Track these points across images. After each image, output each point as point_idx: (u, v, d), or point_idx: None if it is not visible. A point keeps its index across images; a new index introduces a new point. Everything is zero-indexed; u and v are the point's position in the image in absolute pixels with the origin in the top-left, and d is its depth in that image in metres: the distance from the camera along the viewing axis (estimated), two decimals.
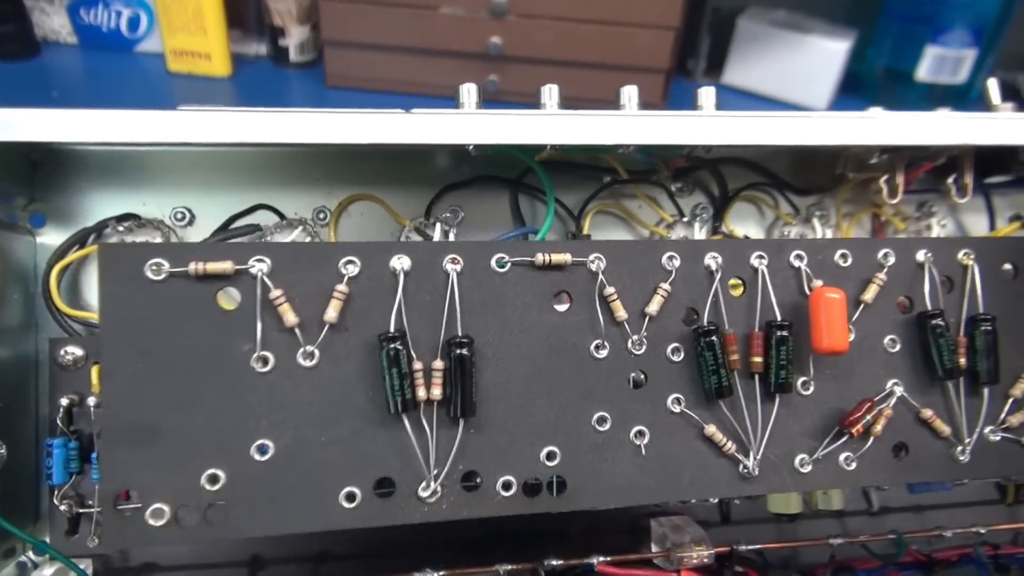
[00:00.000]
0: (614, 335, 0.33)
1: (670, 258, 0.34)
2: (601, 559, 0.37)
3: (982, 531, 0.42)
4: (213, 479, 0.30)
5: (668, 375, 0.33)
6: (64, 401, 0.36)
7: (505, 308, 0.32)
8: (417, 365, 0.31)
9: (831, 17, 1.03)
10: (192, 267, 0.30)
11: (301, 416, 0.30)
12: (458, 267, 0.32)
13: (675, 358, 0.33)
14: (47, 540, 0.36)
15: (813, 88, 1.01)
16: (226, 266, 0.30)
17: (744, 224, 0.44)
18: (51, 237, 0.39)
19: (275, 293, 0.30)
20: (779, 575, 0.41)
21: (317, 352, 0.31)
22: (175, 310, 0.30)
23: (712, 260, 0.34)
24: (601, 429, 0.33)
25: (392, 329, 0.31)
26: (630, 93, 0.39)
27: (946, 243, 0.37)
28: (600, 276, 0.33)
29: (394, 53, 0.94)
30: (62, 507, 0.35)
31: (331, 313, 0.30)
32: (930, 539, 0.42)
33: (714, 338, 0.33)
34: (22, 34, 0.96)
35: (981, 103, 0.42)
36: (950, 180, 0.42)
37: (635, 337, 0.33)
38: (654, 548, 0.39)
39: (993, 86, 0.43)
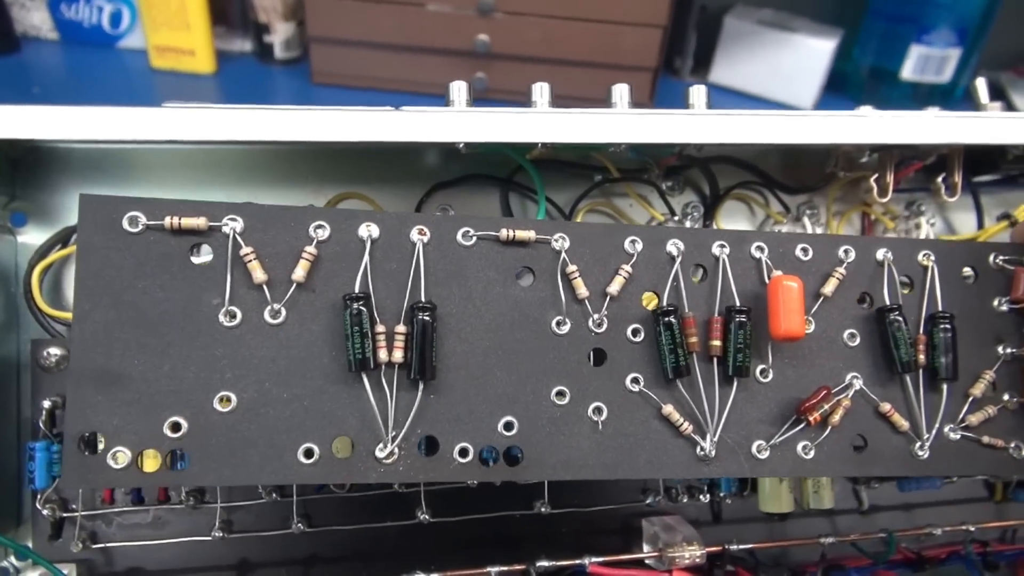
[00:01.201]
0: (575, 312, 0.33)
1: (632, 242, 0.34)
2: (593, 560, 0.37)
3: (971, 529, 0.42)
4: (175, 427, 0.30)
5: (628, 354, 0.34)
6: (47, 403, 0.35)
7: (469, 280, 0.33)
8: (380, 328, 0.31)
9: (817, 16, 1.04)
10: (167, 221, 0.30)
11: (265, 371, 0.31)
12: (425, 238, 0.32)
13: (635, 339, 0.34)
14: (29, 545, 0.36)
15: (799, 86, 1.01)
16: (200, 222, 0.30)
17: (735, 222, 0.44)
18: (32, 236, 0.38)
19: (245, 250, 0.31)
20: (771, 574, 0.41)
21: (283, 311, 0.31)
22: (149, 262, 0.30)
23: (673, 246, 0.34)
24: (560, 403, 0.33)
25: (357, 290, 0.31)
26: (621, 91, 0.38)
27: (906, 243, 0.37)
28: (563, 255, 0.33)
29: (381, 50, 0.93)
30: (45, 511, 0.35)
31: (299, 272, 0.31)
32: (920, 537, 0.42)
33: (672, 319, 0.33)
34: (1, 30, 0.94)
35: (966, 102, 0.43)
36: (939, 179, 0.42)
37: (596, 316, 0.33)
38: (646, 548, 0.39)
39: (981, 85, 0.43)
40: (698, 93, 0.39)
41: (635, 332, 0.34)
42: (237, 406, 0.30)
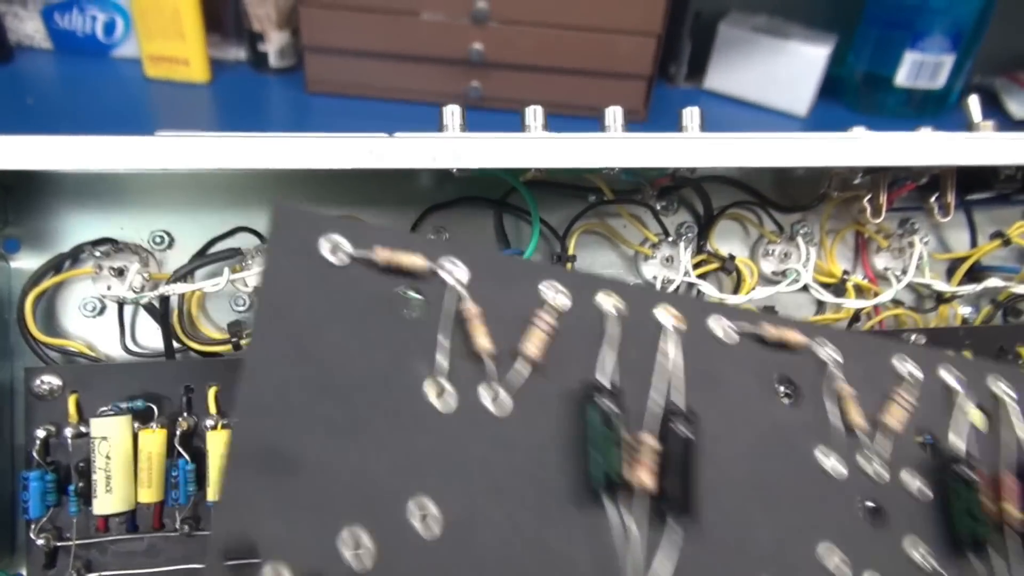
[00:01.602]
0: (843, 446, 0.27)
1: (901, 360, 0.29)
2: None
3: None
4: (355, 541, 0.22)
5: (907, 509, 0.27)
6: (41, 433, 0.35)
7: (726, 388, 0.26)
8: (630, 437, 0.25)
9: (812, 22, 1.04)
10: (379, 254, 0.24)
11: (478, 477, 0.23)
12: (681, 327, 0.26)
13: (912, 487, 0.28)
14: (23, 574, 0.36)
15: (794, 93, 1.01)
16: (419, 262, 0.24)
17: (729, 242, 0.44)
18: (26, 262, 0.38)
19: (471, 307, 0.24)
20: None
21: (508, 396, 0.25)
22: (350, 306, 0.23)
23: (948, 373, 0.29)
24: (826, 566, 0.26)
25: (602, 381, 0.25)
26: (615, 114, 0.38)
27: None
28: (833, 369, 0.27)
29: (375, 59, 0.93)
30: (39, 541, 0.35)
31: (532, 348, 0.24)
32: None
33: (969, 471, 0.27)
34: None
35: (960, 110, 0.43)
36: (932, 199, 0.42)
37: (869, 452, 0.28)
38: None
39: (974, 103, 0.43)
40: (691, 115, 0.39)
41: (913, 477, 0.28)
42: (440, 524, 0.23)
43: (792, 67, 0.99)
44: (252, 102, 0.96)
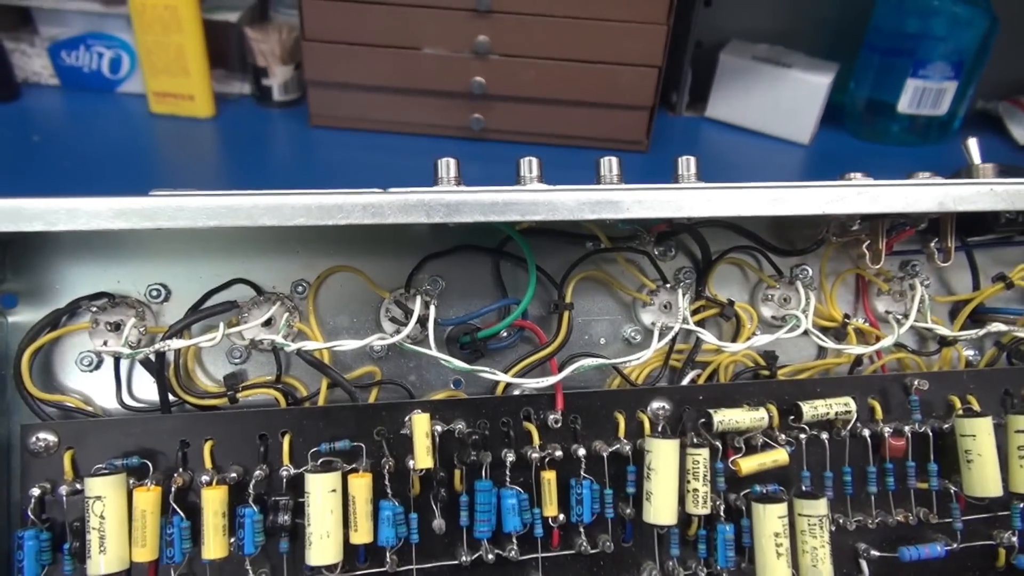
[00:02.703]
0: None
1: None
2: None
3: None
4: None
5: None
6: (36, 491, 0.35)
7: None
8: None
9: (813, 50, 1.04)
10: None
11: None
12: None
13: None
14: None
15: (796, 121, 1.01)
16: None
17: (728, 287, 0.44)
18: (23, 316, 0.38)
19: None
20: None
21: None
22: None
23: None
24: None
25: None
26: (611, 164, 0.38)
27: None
28: None
29: (377, 93, 0.93)
30: None
31: None
32: None
33: None
34: (2, 78, 0.95)
35: (962, 135, 0.42)
36: (932, 244, 0.42)
37: None
38: None
39: (973, 146, 0.43)
40: (687, 164, 0.39)
41: None
42: None
43: (794, 96, 1.00)
44: (256, 136, 0.96)
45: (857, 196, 0.36)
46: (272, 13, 1.02)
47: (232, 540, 0.36)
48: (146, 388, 0.39)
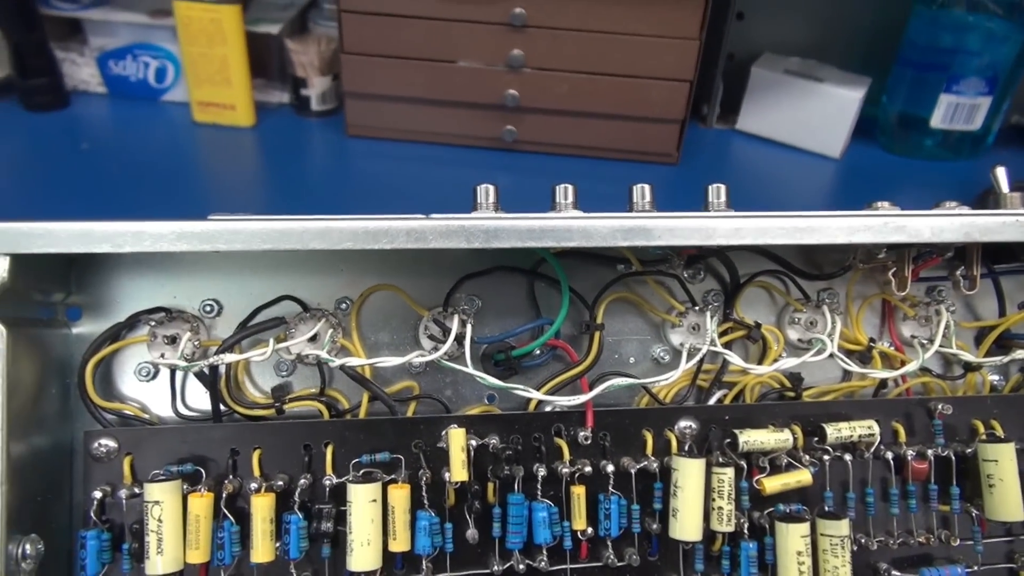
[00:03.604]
0: None
1: None
2: None
3: None
4: None
5: None
6: (97, 493, 0.37)
7: None
8: None
9: (845, 64, 1.04)
10: None
11: None
12: None
13: None
14: None
15: (827, 135, 1.01)
16: None
17: (755, 310, 0.45)
18: (86, 328, 0.41)
19: None
20: None
21: None
22: None
23: None
24: None
25: None
26: (643, 191, 0.40)
27: None
28: None
29: (413, 104, 0.95)
30: None
31: None
32: None
33: None
34: (53, 86, 0.99)
35: (997, 148, 0.42)
36: (958, 272, 0.43)
37: None
38: None
39: (1002, 175, 0.44)
40: (716, 192, 0.40)
41: None
42: None
43: (825, 110, 1.00)
44: (294, 145, 0.99)
45: (883, 226, 0.37)
46: (311, 24, 1.04)
47: (278, 545, 0.38)
48: (199, 397, 0.42)
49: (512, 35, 0.89)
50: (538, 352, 0.43)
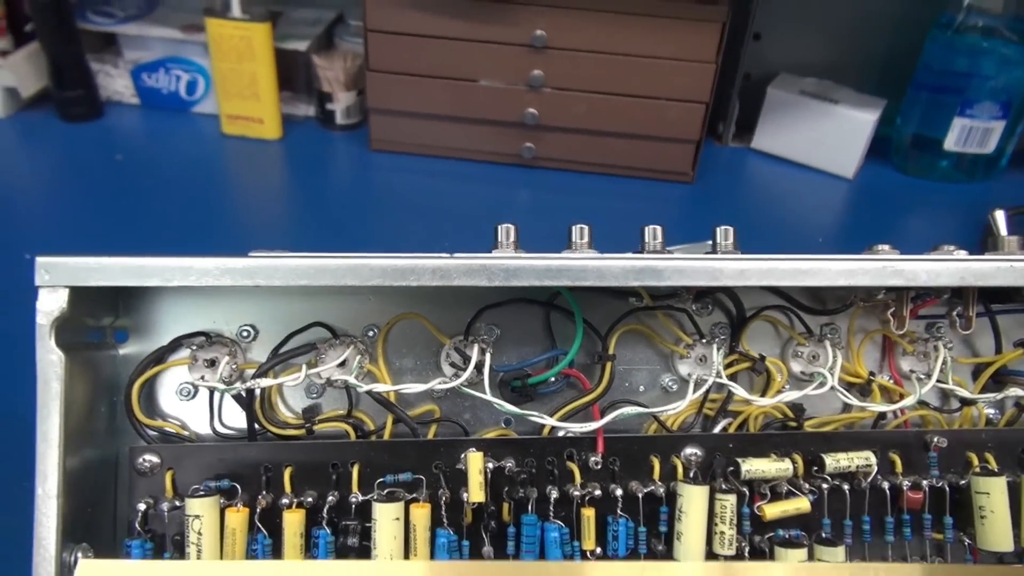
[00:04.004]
0: None
1: None
2: None
3: None
4: None
5: None
6: (141, 506, 0.40)
7: None
8: None
9: (860, 85, 1.06)
10: None
11: None
12: None
13: None
14: None
15: (841, 156, 1.03)
16: None
17: (760, 343, 0.48)
18: (132, 349, 0.44)
19: None
20: None
21: None
22: None
23: None
24: None
25: None
26: (655, 232, 0.42)
27: None
28: None
29: (435, 121, 0.98)
30: None
31: None
32: None
33: None
34: (89, 98, 1.02)
35: (1011, 171, 0.43)
36: (955, 313, 0.45)
37: None
38: None
39: (1000, 218, 0.46)
40: (724, 234, 0.42)
41: None
42: None
43: (840, 131, 1.02)
44: (319, 158, 1.02)
45: (880, 270, 0.40)
46: (337, 41, 1.07)
47: (306, 557, 0.40)
48: (234, 416, 0.44)
49: (533, 56, 0.92)
50: (553, 380, 0.45)
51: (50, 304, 0.37)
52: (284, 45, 1.00)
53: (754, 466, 0.43)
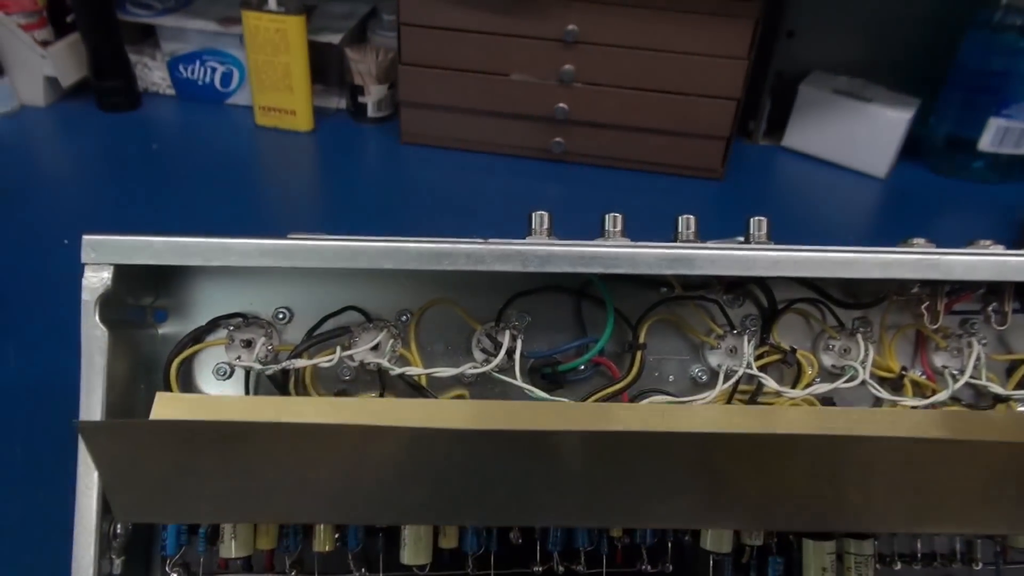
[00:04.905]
0: None
1: None
2: None
3: None
4: None
5: None
6: None
7: None
8: None
9: (894, 84, 1.05)
10: None
11: None
12: None
13: None
14: None
15: (874, 155, 1.02)
16: None
17: (791, 335, 0.47)
18: (171, 328, 0.45)
19: None
20: None
21: None
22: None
23: None
24: None
25: None
26: (688, 222, 0.42)
27: None
28: None
29: (466, 114, 0.99)
30: (173, 575, 0.41)
31: None
32: None
33: None
34: (126, 88, 1.04)
35: None
36: (990, 308, 0.44)
37: None
38: None
39: None
40: (758, 224, 0.42)
41: None
42: None
43: (873, 130, 1.01)
44: (350, 150, 1.03)
45: (916, 263, 0.39)
46: (370, 34, 1.08)
47: (338, 536, 0.41)
48: (269, 394, 0.45)
49: (564, 51, 0.92)
50: (583, 368, 0.46)
51: (95, 281, 0.38)
52: (318, 38, 1.01)
53: None
